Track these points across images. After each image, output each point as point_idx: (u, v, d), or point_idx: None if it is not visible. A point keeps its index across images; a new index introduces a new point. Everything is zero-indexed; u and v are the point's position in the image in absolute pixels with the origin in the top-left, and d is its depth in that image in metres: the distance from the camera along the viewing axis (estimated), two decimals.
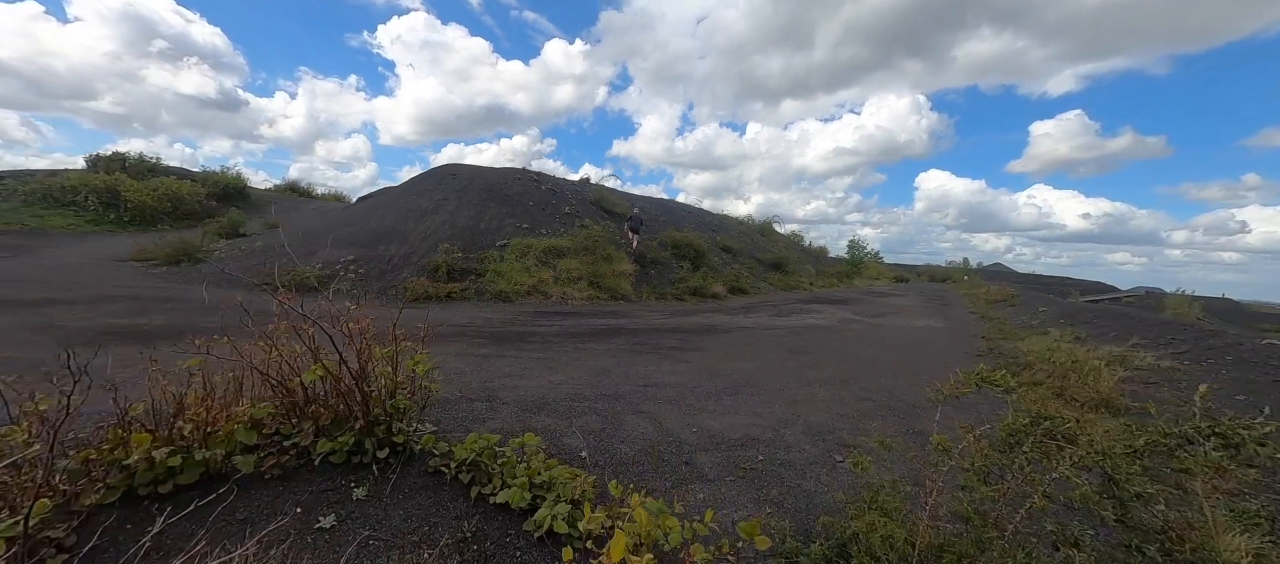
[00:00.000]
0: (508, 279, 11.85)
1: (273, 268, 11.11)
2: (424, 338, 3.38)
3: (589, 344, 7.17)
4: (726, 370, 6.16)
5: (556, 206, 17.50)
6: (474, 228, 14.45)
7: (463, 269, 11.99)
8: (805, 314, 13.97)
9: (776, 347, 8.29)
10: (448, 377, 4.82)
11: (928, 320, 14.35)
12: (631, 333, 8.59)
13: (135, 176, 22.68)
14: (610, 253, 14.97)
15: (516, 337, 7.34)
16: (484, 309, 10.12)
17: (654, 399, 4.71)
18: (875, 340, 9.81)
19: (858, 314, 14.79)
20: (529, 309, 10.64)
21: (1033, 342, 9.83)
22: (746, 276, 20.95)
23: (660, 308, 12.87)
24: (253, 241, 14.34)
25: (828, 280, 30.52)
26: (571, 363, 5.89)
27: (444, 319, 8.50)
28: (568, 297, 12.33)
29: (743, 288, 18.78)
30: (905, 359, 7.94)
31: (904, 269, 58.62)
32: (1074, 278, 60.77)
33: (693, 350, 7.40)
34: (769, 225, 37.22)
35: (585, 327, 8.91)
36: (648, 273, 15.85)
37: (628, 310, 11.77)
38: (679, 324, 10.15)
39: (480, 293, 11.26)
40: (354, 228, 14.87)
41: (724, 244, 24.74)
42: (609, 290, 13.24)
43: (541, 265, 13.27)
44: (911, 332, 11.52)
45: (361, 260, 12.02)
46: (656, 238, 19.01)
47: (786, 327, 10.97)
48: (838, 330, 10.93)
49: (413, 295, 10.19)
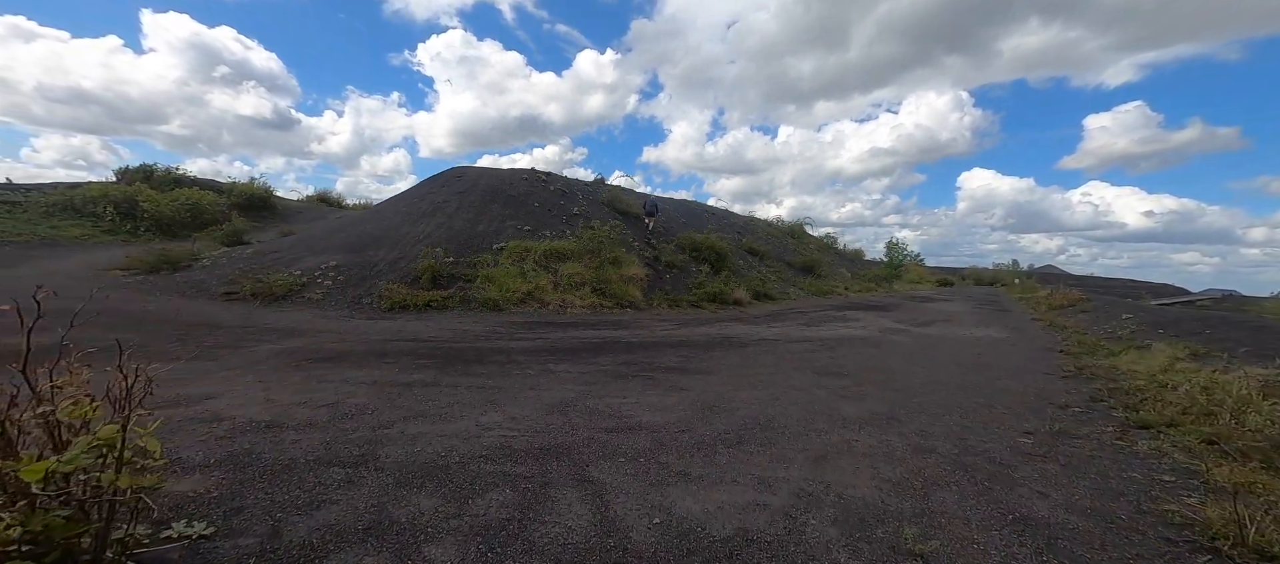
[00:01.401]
0: (499, 285, 10.64)
1: (249, 276, 10.28)
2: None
3: (563, 365, 5.78)
4: (731, 404, 4.66)
5: (564, 208, 16.30)
6: (471, 231, 13.37)
7: (451, 275, 10.86)
8: (839, 323, 12.21)
9: (802, 366, 6.70)
10: (327, 422, 3.52)
11: (985, 330, 12.34)
12: (625, 349, 7.17)
13: (158, 188, 22.88)
14: (618, 255, 13.61)
15: (476, 356, 6.02)
16: (465, 319, 8.90)
17: (616, 454, 3.27)
18: (926, 357, 8.05)
19: (901, 323, 12.90)
20: (517, 319, 9.37)
21: (1134, 359, 7.84)
22: (773, 281, 19.20)
23: (672, 317, 11.40)
24: (247, 249, 13.70)
25: (865, 285, 28.32)
26: (525, 394, 4.50)
27: (404, 333, 7.30)
28: (568, 304, 11.02)
29: (769, 293, 17.08)
30: (969, 383, 6.21)
31: (947, 272, 55.04)
32: (1138, 280, 55.84)
33: (694, 372, 5.91)
34: (800, 227, 35.13)
35: (572, 341, 7.54)
36: (662, 277, 14.41)
37: (633, 320, 10.35)
38: (687, 336, 8.67)
39: (467, 301, 10.08)
40: (348, 233, 14.05)
41: (750, 247, 23.02)
42: (615, 297, 11.87)
43: (540, 270, 12.03)
44: (969, 345, 9.65)
45: (345, 266, 11.07)
46: (674, 240, 17.56)
47: (816, 339, 9.30)
48: (878, 344, 9.19)
49: (388, 304, 9.08)
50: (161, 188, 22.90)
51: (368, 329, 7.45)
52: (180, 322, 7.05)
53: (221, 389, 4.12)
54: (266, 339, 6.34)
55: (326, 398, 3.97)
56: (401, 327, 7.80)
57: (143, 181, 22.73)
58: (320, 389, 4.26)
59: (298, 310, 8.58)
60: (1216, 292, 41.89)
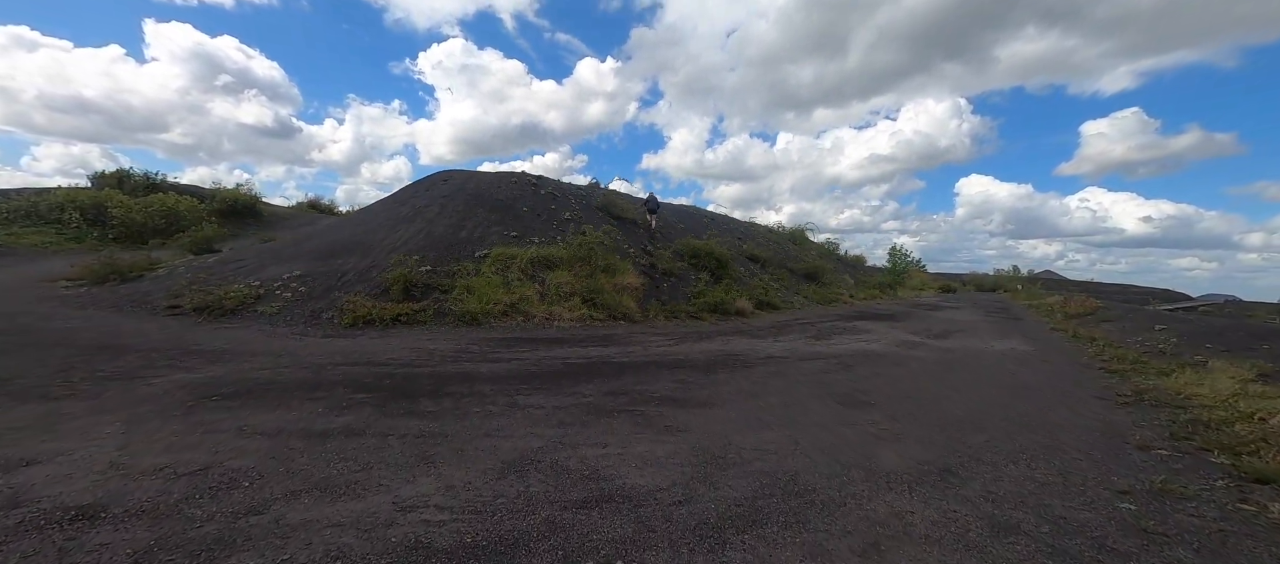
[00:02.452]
0: (479, 297, 9.67)
1: (198, 288, 9.29)
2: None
3: (536, 397, 4.79)
4: (741, 452, 3.69)
5: (555, 212, 15.36)
6: (453, 237, 12.41)
7: (426, 285, 9.89)
8: (851, 335, 11.26)
9: (821, 392, 5.73)
10: (175, 504, 2.53)
11: (1007, 342, 11.40)
12: (614, 372, 6.19)
13: (132, 193, 21.88)
14: (612, 263, 12.65)
15: (431, 386, 5.03)
16: (435, 336, 7.92)
17: (583, 547, 2.31)
18: (955, 377, 7.10)
19: (916, 334, 11.96)
20: (495, 335, 8.39)
21: (1192, 380, 6.89)
22: (776, 289, 18.27)
23: (669, 330, 10.43)
24: (211, 258, 12.71)
25: (868, 292, 27.44)
26: (477, 445, 3.52)
27: (357, 355, 6.30)
28: (555, 317, 10.05)
29: (772, 302, 16.14)
30: (1018, 413, 5.26)
31: (948, 278, 54.25)
32: (1139, 286, 55.19)
33: (694, 404, 4.94)
34: (802, 233, 34.24)
35: (553, 362, 6.56)
36: (659, 286, 13.45)
37: (626, 335, 9.38)
38: (686, 354, 7.70)
39: (442, 314, 9.10)
40: (322, 240, 13.07)
41: (751, 253, 22.11)
42: (608, 308, 10.91)
43: (526, 279, 11.06)
44: (996, 360, 8.70)
45: (310, 276, 10.08)
46: (672, 246, 16.63)
47: (830, 355, 8.35)
48: (901, 360, 8.23)
49: (349, 319, 8.09)
50: (135, 193, 21.92)
51: (317, 350, 6.47)
52: (91, 344, 6.05)
53: (62, 447, 3.12)
54: (182, 366, 5.33)
55: (199, 459, 2.98)
56: (358, 347, 6.81)
57: (115, 187, 21.74)
58: (199, 445, 3.26)
59: (243, 327, 7.59)
60: (1217, 297, 41.10)
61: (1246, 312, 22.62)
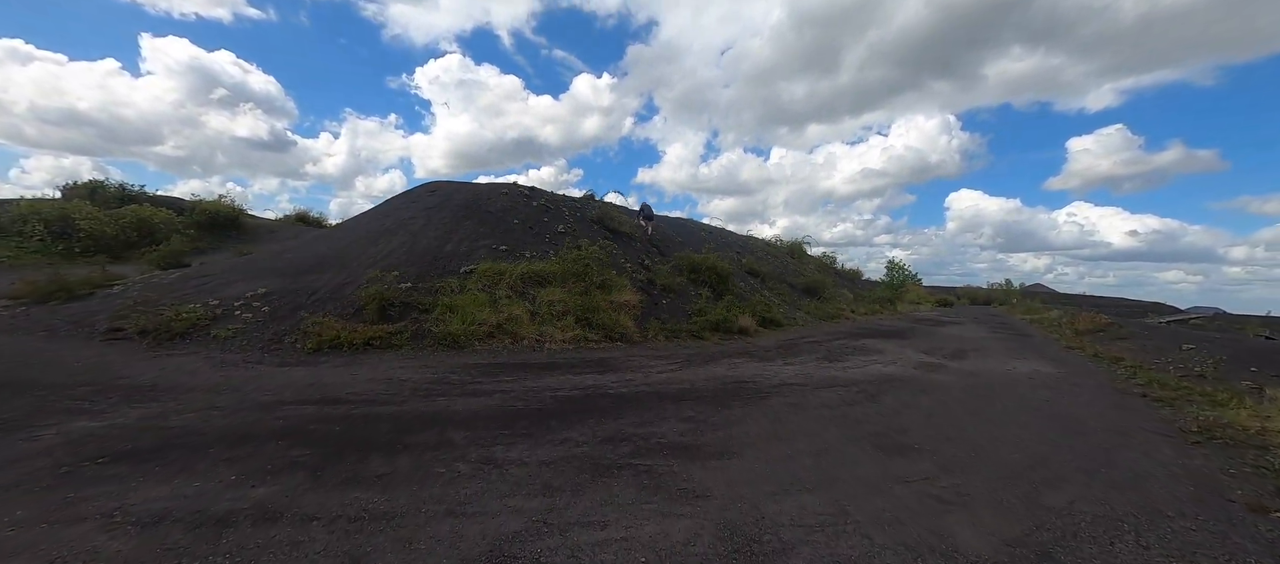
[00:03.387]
0: (462, 316, 8.83)
1: (147, 308, 8.40)
2: None
3: (517, 449, 3.96)
4: (779, 531, 2.88)
5: (547, 225, 14.59)
6: (437, 251, 11.58)
7: (405, 303, 9.03)
8: (863, 356, 10.51)
9: (852, 432, 4.94)
10: None
11: (1026, 363, 10.69)
12: (612, 407, 5.37)
13: (103, 205, 20.90)
14: (609, 279, 11.87)
15: (390, 434, 4.16)
16: (409, 364, 7.06)
17: None
18: (992, 408, 6.33)
19: (931, 355, 11.23)
20: (479, 361, 7.54)
21: (1259, 413, 6.16)
22: (778, 305, 17.54)
23: (670, 352, 9.63)
24: (174, 274, 11.80)
25: (868, 306, 26.79)
26: (431, 532, 2.66)
27: (311, 390, 5.42)
28: (546, 339, 9.22)
29: (775, 319, 15.39)
30: (1083, 457, 4.49)
31: (943, 291, 53.91)
32: (1130, 299, 55.19)
33: (710, 454, 4.14)
34: (800, 246, 33.67)
35: (542, 395, 5.73)
36: (658, 303, 12.67)
37: (624, 358, 8.57)
38: (691, 382, 6.90)
39: (420, 337, 8.24)
40: (298, 254, 12.21)
41: (750, 267, 21.43)
42: (604, 328, 10.09)
43: (515, 297, 10.24)
44: (1026, 386, 7.96)
45: (277, 293, 9.20)
46: (671, 260, 15.89)
47: (848, 381, 7.57)
48: (926, 387, 7.47)
49: (313, 344, 7.22)
50: (107, 205, 20.93)
51: (266, 383, 5.60)
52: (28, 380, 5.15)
53: None
54: (91, 409, 4.43)
55: None
56: (316, 378, 5.94)
57: (86, 198, 20.74)
58: (33, 546, 2.36)
59: (190, 354, 6.70)
60: (1205, 309, 41.01)
61: (1237, 324, 22.15)
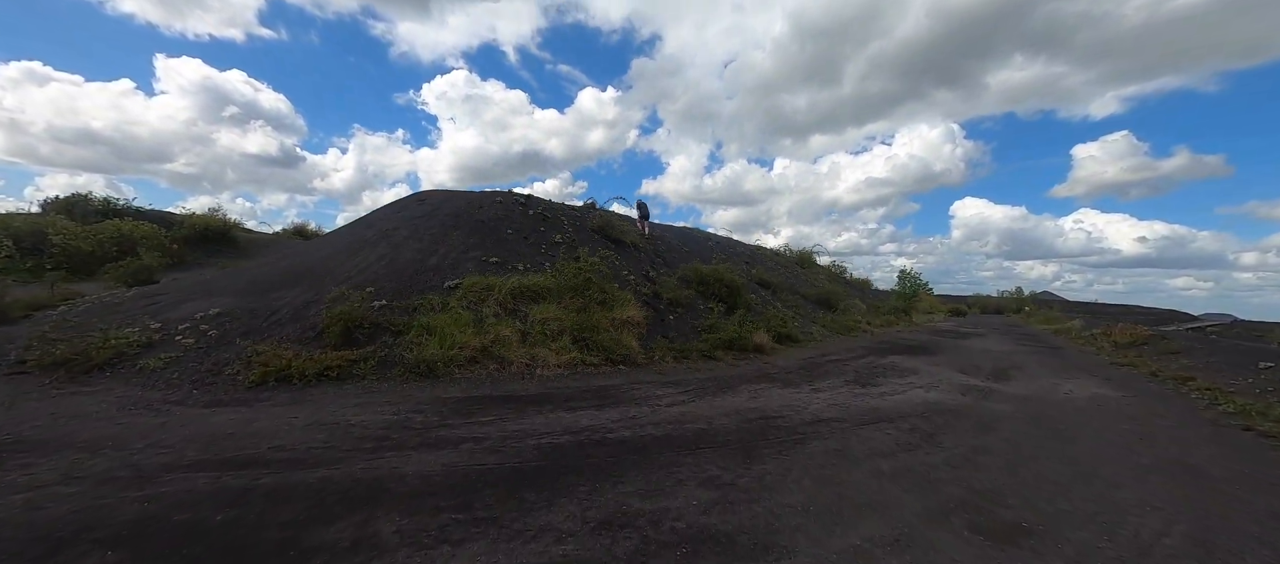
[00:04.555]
0: (441, 338, 7.68)
1: (77, 334, 7.29)
2: None
3: (469, 551, 2.78)
4: None
5: (544, 235, 13.49)
6: (420, 264, 10.47)
7: (376, 324, 7.89)
8: (897, 378, 9.30)
9: (932, 503, 3.74)
10: None
11: (1081, 384, 9.43)
12: (612, 464, 4.20)
13: (82, 219, 20.00)
14: (610, 293, 10.72)
15: (291, 527, 2.96)
16: (370, 399, 5.89)
17: None
18: (1081, 449, 5.07)
19: (969, 374, 10.01)
20: (454, 393, 6.37)
21: None
22: (793, 319, 16.33)
23: (681, 376, 8.44)
24: (129, 293, 10.74)
25: (883, 317, 25.54)
26: None
27: (228, 444, 4.21)
28: (538, 363, 8.06)
29: (791, 335, 14.18)
30: (1245, 528, 3.27)
31: (952, 300, 52.55)
32: (1144, 306, 53.57)
33: (747, 554, 2.95)
34: (809, 256, 32.52)
35: (522, 446, 4.56)
36: (664, 319, 11.50)
37: (627, 386, 7.39)
38: (710, 418, 5.70)
39: (388, 364, 7.09)
40: (267, 269, 11.14)
41: (760, 278, 20.26)
42: (605, 349, 8.92)
43: (505, 315, 9.09)
44: (1097, 416, 6.70)
45: (231, 314, 8.09)
46: (678, 272, 14.75)
47: (894, 414, 6.35)
48: (989, 421, 6.23)
49: (256, 375, 6.06)
50: (87, 219, 20.02)
51: (169, 436, 4.43)
52: None
53: None
54: None
55: None
56: (241, 425, 4.77)
57: (63, 212, 19.84)
58: None
59: (99, 392, 5.56)
60: (1221, 316, 39.61)
61: (1256, 332, 20.58)
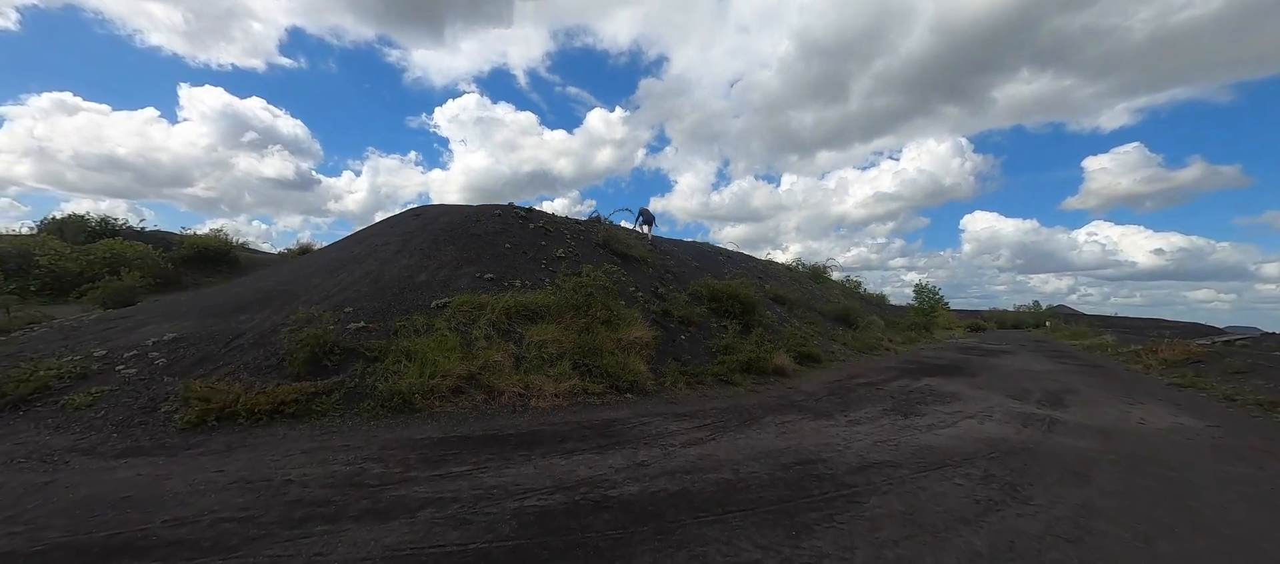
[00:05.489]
0: (421, 365, 6.69)
1: (14, 363, 6.41)
2: None
3: None
4: None
5: (545, 250, 12.57)
6: (407, 281, 9.56)
7: (349, 350, 6.93)
8: (941, 405, 8.16)
9: None
10: None
11: (1149, 411, 8.21)
12: (616, 541, 3.15)
13: (72, 239, 19.48)
14: (616, 311, 9.72)
15: None
16: (323, 442, 4.89)
17: None
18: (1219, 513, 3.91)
19: (1022, 401, 8.82)
20: (429, 433, 5.35)
21: None
22: (813, 337, 15.20)
23: (696, 405, 7.37)
24: (90, 317, 9.91)
25: (904, 334, 24.29)
26: None
27: (100, 517, 3.19)
28: (534, 392, 7.03)
29: (813, 354, 13.05)
30: None
31: (968, 315, 50.96)
32: (1167, 320, 51.68)
33: None
34: (823, 270, 31.36)
35: (499, 513, 3.53)
36: (675, 340, 10.46)
37: (634, 421, 6.33)
38: (735, 465, 4.63)
39: (358, 396, 6.10)
40: (242, 288, 10.28)
41: (775, 294, 19.17)
42: (610, 375, 7.89)
43: (498, 338, 8.10)
44: (1196, 455, 5.48)
45: (189, 339, 7.18)
46: (689, 289, 13.74)
47: (955, 454, 5.23)
48: (1075, 465, 5.06)
49: (194, 416, 5.08)
50: (77, 239, 19.49)
51: (58, 495, 3.44)
52: None
53: None
54: None
55: None
56: (153, 481, 3.79)
57: (55, 232, 19.33)
58: None
59: (8, 435, 4.63)
60: (1250, 330, 37.88)
61: None
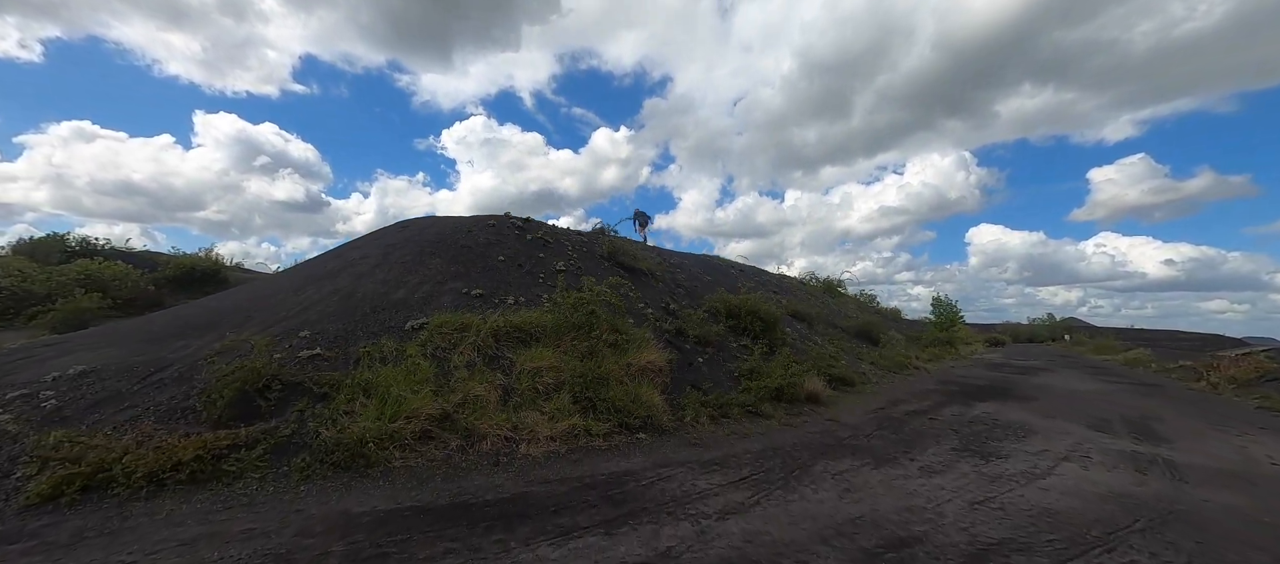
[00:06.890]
0: (382, 403, 5.31)
1: None
2: None
3: None
4: None
5: (543, 262, 11.26)
6: (382, 298, 8.23)
7: (291, 383, 5.56)
8: (1016, 441, 6.70)
9: None
10: None
11: (1254, 442, 6.71)
12: None
13: (46, 260, 18.40)
14: (624, 332, 8.33)
15: None
16: (231, 519, 3.53)
17: None
18: None
19: (1105, 432, 7.32)
20: (377, 502, 3.96)
21: None
22: (841, 357, 13.72)
23: (724, 446, 5.93)
24: (36, 339, 8.64)
25: (927, 350, 22.74)
26: None
27: None
28: (524, 435, 5.63)
29: (844, 377, 11.59)
30: None
31: (982, 329, 49.21)
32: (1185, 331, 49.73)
33: None
34: (835, 284, 29.93)
35: None
36: (692, 362, 9.04)
37: (649, 473, 4.91)
38: (798, 550, 3.21)
39: (294, 446, 4.73)
40: (194, 308, 8.99)
41: (794, 309, 17.72)
42: (618, 410, 6.46)
43: (483, 365, 6.72)
44: None
45: (100, 372, 5.85)
46: (704, 305, 12.35)
47: (1083, 518, 3.73)
48: (1259, 540, 3.60)
49: (47, 487, 3.71)
50: (52, 260, 18.41)
51: None
52: None
53: None
54: None
55: None
56: None
57: (25, 253, 18.26)
58: None
59: None
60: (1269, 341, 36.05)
61: None
